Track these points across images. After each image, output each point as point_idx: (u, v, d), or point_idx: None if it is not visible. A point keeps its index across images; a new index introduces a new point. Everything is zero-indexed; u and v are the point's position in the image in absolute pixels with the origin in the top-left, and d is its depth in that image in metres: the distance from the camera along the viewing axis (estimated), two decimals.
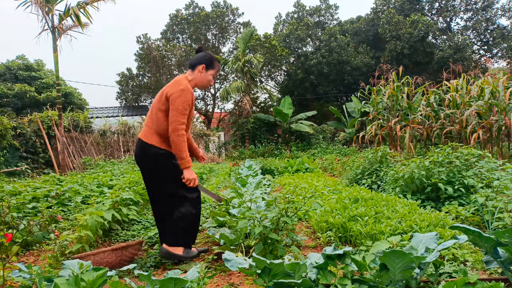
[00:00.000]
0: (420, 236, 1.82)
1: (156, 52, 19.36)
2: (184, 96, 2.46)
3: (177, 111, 2.43)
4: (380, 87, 8.55)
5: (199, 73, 2.64)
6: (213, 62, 2.68)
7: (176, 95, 2.45)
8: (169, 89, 2.53)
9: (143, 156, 2.59)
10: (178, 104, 2.44)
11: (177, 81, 2.56)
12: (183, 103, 2.45)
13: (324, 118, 21.80)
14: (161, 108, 2.53)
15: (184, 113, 2.45)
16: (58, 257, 2.68)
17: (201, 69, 2.63)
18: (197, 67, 2.63)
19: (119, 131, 13.02)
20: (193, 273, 1.74)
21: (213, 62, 2.68)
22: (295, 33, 21.16)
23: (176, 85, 2.51)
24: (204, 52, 2.73)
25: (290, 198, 2.79)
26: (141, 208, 4.60)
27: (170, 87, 2.55)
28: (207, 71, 2.65)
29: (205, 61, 2.64)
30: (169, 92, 2.50)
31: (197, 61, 2.65)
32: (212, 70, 2.67)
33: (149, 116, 2.63)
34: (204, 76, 2.65)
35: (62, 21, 9.18)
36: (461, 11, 20.43)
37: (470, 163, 4.21)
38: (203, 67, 2.63)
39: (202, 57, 2.67)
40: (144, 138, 2.56)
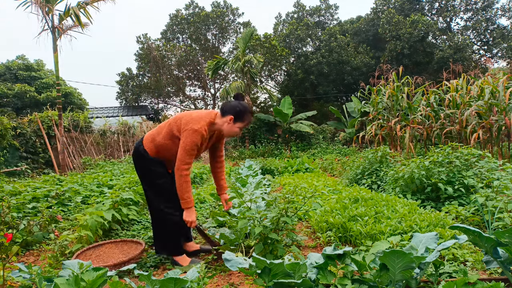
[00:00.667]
0: (420, 236, 1.82)
1: (156, 52, 19.35)
2: (194, 137, 2.40)
3: (185, 151, 2.40)
4: (380, 87, 8.54)
5: (227, 123, 2.52)
6: (243, 115, 2.53)
7: (188, 133, 2.40)
8: (185, 121, 2.47)
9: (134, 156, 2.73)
10: (187, 144, 2.39)
11: (197, 118, 2.47)
12: (192, 144, 2.40)
13: (324, 118, 21.79)
14: (171, 130, 2.52)
15: (191, 153, 2.41)
16: (58, 257, 2.68)
17: (228, 120, 2.50)
18: (226, 116, 2.50)
19: (119, 131, 13.03)
20: (193, 273, 1.74)
21: (243, 116, 2.53)
22: (295, 33, 21.16)
23: (193, 122, 2.44)
24: (238, 102, 2.57)
25: (290, 198, 2.79)
26: (141, 208, 4.60)
27: (187, 119, 2.47)
28: (234, 123, 2.52)
29: (235, 113, 2.50)
30: (184, 126, 2.44)
31: (227, 110, 2.51)
32: (240, 123, 2.54)
33: (160, 128, 2.62)
34: (230, 128, 2.53)
35: (62, 21, 9.17)
36: (461, 11, 20.42)
37: (470, 163, 4.21)
38: (231, 118, 2.49)
39: (233, 107, 2.51)
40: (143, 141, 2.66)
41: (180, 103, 23.36)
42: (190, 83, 22.73)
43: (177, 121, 2.53)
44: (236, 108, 2.51)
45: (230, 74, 21.79)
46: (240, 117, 2.52)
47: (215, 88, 22.64)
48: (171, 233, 2.62)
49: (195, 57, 20.65)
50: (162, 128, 2.60)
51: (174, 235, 2.63)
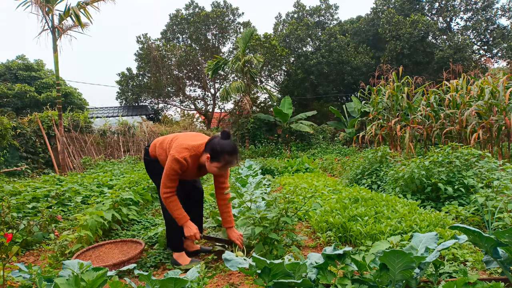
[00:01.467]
0: (420, 236, 1.82)
1: (156, 52, 19.34)
2: (174, 164, 2.42)
3: (165, 175, 2.46)
4: (380, 87, 8.54)
5: (206, 160, 2.48)
6: (219, 156, 2.41)
7: (169, 159, 2.45)
8: (174, 145, 2.51)
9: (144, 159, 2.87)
10: (167, 169, 2.45)
11: (184, 147, 2.47)
12: (171, 170, 2.43)
13: (324, 118, 21.78)
14: (165, 148, 2.64)
15: (171, 178, 2.45)
16: (58, 257, 2.68)
17: (206, 158, 2.47)
18: (206, 154, 2.47)
19: (119, 131, 13.03)
20: (193, 273, 1.75)
21: (219, 156, 2.41)
22: (295, 33, 21.16)
23: (178, 150, 2.46)
24: (218, 140, 2.45)
25: (290, 198, 2.79)
26: (141, 208, 4.60)
27: (176, 144, 2.51)
28: (211, 162, 2.46)
29: (212, 152, 2.43)
30: (171, 150, 2.49)
31: (207, 148, 2.47)
32: (216, 163, 2.44)
33: (163, 140, 2.72)
34: (209, 166, 2.49)
35: (62, 21, 9.18)
36: (461, 11, 20.42)
37: (470, 163, 4.21)
38: (208, 157, 2.46)
39: (212, 145, 2.45)
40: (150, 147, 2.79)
41: (180, 103, 23.35)
42: (190, 83, 22.72)
43: (173, 140, 2.62)
44: (214, 147, 2.43)
45: (230, 74, 21.78)
46: (215, 157, 2.43)
47: (215, 88, 22.63)
48: (175, 229, 2.64)
49: (195, 57, 20.65)
50: (164, 141, 2.71)
51: (177, 231, 2.65)
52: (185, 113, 20.52)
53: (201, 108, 23.04)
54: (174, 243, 2.67)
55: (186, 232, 2.51)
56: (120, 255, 2.80)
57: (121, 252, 2.85)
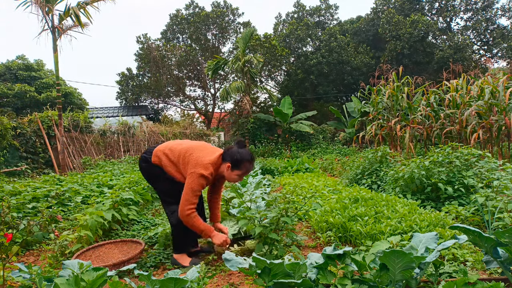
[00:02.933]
0: (420, 236, 1.82)
1: (156, 52, 19.34)
2: (202, 180, 2.47)
3: (192, 192, 2.46)
4: (380, 87, 8.54)
5: (226, 170, 2.57)
6: (240, 164, 2.54)
7: (196, 176, 2.45)
8: (194, 162, 2.50)
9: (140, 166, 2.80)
10: (194, 186, 2.46)
11: (207, 163, 2.51)
12: (199, 186, 2.47)
13: (324, 118, 21.79)
14: (178, 162, 2.60)
15: (197, 194, 2.49)
16: (58, 257, 2.68)
17: (227, 167, 2.56)
18: (226, 163, 2.56)
19: (119, 131, 13.02)
20: (193, 273, 1.74)
21: (240, 165, 2.54)
22: (295, 33, 21.15)
23: (202, 166, 2.48)
24: (237, 150, 2.58)
25: (290, 198, 2.79)
26: (141, 208, 4.60)
27: (197, 161, 2.50)
28: (232, 171, 2.56)
29: (232, 161, 2.54)
30: (192, 167, 2.49)
31: (226, 156, 2.57)
32: (237, 171, 2.56)
33: (171, 151, 2.65)
34: (229, 174, 2.58)
35: (62, 21, 9.18)
36: (461, 11, 20.42)
37: (470, 163, 4.21)
38: (228, 166, 2.55)
39: (232, 155, 2.55)
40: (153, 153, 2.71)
41: (180, 103, 23.36)
42: (190, 83, 22.72)
43: (187, 154, 2.58)
44: (234, 156, 2.54)
45: (230, 74, 21.78)
46: (237, 165, 2.54)
47: (215, 88, 22.63)
48: (181, 233, 2.66)
49: (195, 57, 20.64)
50: (173, 152, 2.64)
51: (183, 235, 2.67)
52: (185, 113, 20.51)
53: (201, 108, 23.04)
54: (179, 246, 2.67)
55: (217, 241, 2.52)
56: (120, 255, 2.80)
57: (121, 252, 2.85)
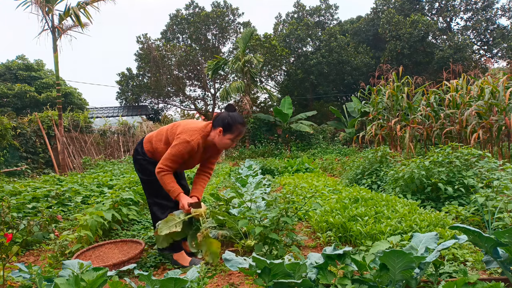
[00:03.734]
0: (420, 236, 1.82)
1: (156, 52, 19.35)
2: (184, 147, 2.44)
3: (170, 155, 2.44)
4: (380, 87, 8.54)
5: (217, 136, 2.53)
6: (232, 126, 2.50)
7: (179, 141, 2.44)
8: (181, 129, 2.51)
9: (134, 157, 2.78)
10: (174, 150, 2.44)
11: (193, 129, 2.50)
12: (178, 152, 2.44)
13: (324, 118, 21.79)
14: (167, 136, 2.58)
15: (174, 160, 2.45)
16: (58, 257, 2.68)
17: (218, 132, 2.51)
18: (216, 128, 2.52)
19: (119, 131, 13.03)
20: (193, 273, 1.74)
21: (231, 127, 2.50)
22: (295, 33, 21.16)
23: (187, 132, 2.47)
24: (227, 113, 2.54)
25: (290, 198, 2.79)
26: (141, 208, 4.60)
27: (183, 128, 2.51)
28: (224, 135, 2.52)
29: (224, 124, 2.50)
30: (178, 134, 2.48)
31: (216, 122, 2.53)
32: (230, 134, 2.52)
33: (160, 131, 2.66)
34: (221, 140, 2.53)
35: (62, 21, 9.18)
36: (461, 11, 20.43)
37: (470, 163, 4.21)
38: (220, 130, 2.50)
39: (222, 118, 2.51)
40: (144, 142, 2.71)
41: (180, 103, 23.36)
42: (190, 83, 22.74)
43: (173, 128, 2.58)
44: (225, 119, 2.50)
45: (230, 74, 21.79)
46: (229, 128, 2.50)
47: (215, 88, 22.64)
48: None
49: (195, 57, 20.65)
50: (161, 131, 2.65)
51: None
52: (185, 113, 20.53)
53: (201, 108, 23.05)
54: (174, 246, 2.62)
55: (181, 203, 2.49)
56: (120, 255, 2.80)
57: (121, 252, 2.85)
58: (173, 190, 2.49)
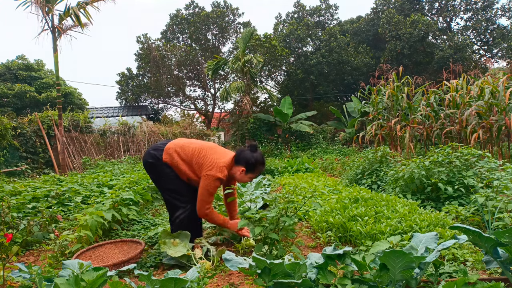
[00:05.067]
0: (420, 236, 1.82)
1: (156, 52, 19.34)
2: (217, 183, 2.61)
3: (208, 193, 2.60)
4: (380, 87, 8.54)
5: (238, 172, 2.70)
6: (254, 168, 2.70)
7: (211, 178, 2.58)
8: (209, 164, 2.61)
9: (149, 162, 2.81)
10: (209, 188, 2.59)
11: (221, 165, 2.62)
12: (214, 188, 2.62)
13: (324, 118, 21.79)
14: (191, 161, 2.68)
15: (212, 195, 2.64)
16: (58, 257, 2.68)
17: (241, 171, 2.69)
18: (239, 167, 2.69)
19: (119, 131, 13.02)
20: (193, 273, 1.74)
21: (254, 168, 2.70)
22: (295, 33, 21.15)
23: (216, 169, 2.60)
24: (252, 154, 2.70)
25: (290, 198, 2.78)
26: (141, 208, 4.60)
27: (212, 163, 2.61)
28: (246, 174, 2.72)
29: (247, 166, 2.68)
30: (207, 169, 2.60)
31: (240, 161, 2.70)
32: (251, 174, 2.73)
33: (183, 150, 2.71)
34: (242, 177, 2.74)
35: (62, 21, 9.18)
36: (461, 11, 20.42)
37: (470, 163, 4.20)
38: (243, 170, 2.69)
39: (246, 159, 2.68)
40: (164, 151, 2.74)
41: (180, 103, 23.36)
42: (190, 83, 22.73)
43: (201, 157, 2.67)
44: (249, 161, 2.68)
45: (230, 74, 21.78)
46: (251, 169, 2.71)
47: (215, 88, 22.63)
48: (179, 227, 2.73)
49: (195, 57, 20.65)
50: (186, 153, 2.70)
51: (184, 229, 2.73)
52: (185, 113, 20.51)
53: (201, 108, 23.04)
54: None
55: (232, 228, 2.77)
56: (120, 255, 2.80)
57: (121, 252, 2.85)
58: (222, 222, 2.75)
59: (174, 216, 2.75)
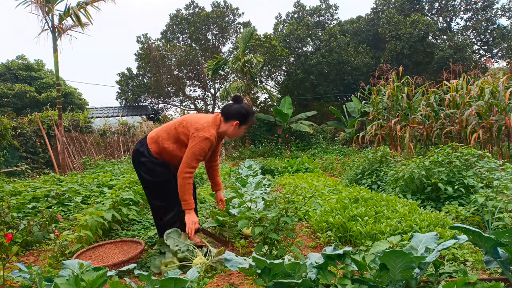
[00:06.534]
0: (420, 236, 1.82)
1: (156, 52, 19.35)
2: (204, 144, 2.47)
3: (193, 155, 2.46)
4: (380, 87, 8.54)
5: (232, 127, 2.60)
6: (248, 118, 2.64)
7: (198, 140, 2.46)
8: (194, 127, 2.51)
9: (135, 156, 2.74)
10: (196, 150, 2.46)
11: (206, 125, 2.52)
12: (201, 150, 2.47)
13: (324, 118, 21.79)
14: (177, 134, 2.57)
15: (198, 159, 2.50)
16: (58, 257, 2.68)
17: (234, 125, 2.60)
18: (231, 121, 2.59)
19: (119, 131, 13.03)
20: (193, 273, 1.74)
21: (247, 118, 2.64)
22: (295, 33, 21.15)
23: (203, 129, 2.49)
24: (240, 105, 2.63)
25: (290, 198, 2.78)
26: (141, 208, 4.60)
27: (197, 126, 2.51)
28: (240, 127, 2.63)
29: (240, 117, 2.60)
30: (194, 132, 2.49)
31: (230, 115, 2.60)
32: (245, 125, 2.65)
33: (166, 129, 2.64)
34: (236, 131, 2.64)
35: (62, 21, 9.18)
36: (461, 11, 20.43)
37: (470, 163, 4.21)
38: (237, 123, 2.60)
39: (237, 111, 2.60)
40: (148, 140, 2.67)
41: (180, 103, 23.36)
42: (190, 83, 22.74)
43: (184, 125, 2.56)
44: (240, 112, 2.60)
45: (230, 74, 21.79)
46: (245, 120, 2.62)
47: (215, 88, 22.64)
48: (166, 228, 2.66)
49: (195, 57, 20.65)
50: (168, 130, 2.62)
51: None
52: (185, 113, 20.51)
53: (201, 108, 23.05)
54: None
55: (188, 218, 2.52)
56: (120, 255, 2.80)
57: (121, 252, 2.85)
58: (189, 202, 2.52)
59: (164, 219, 2.68)
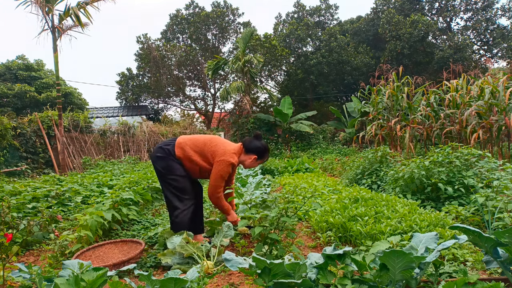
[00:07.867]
0: (420, 236, 1.82)
1: (156, 52, 19.34)
2: (229, 168, 2.83)
3: (220, 177, 2.81)
4: (380, 87, 8.54)
5: (250, 160, 2.95)
6: (264, 154, 3.00)
7: (224, 164, 2.80)
8: (221, 151, 2.84)
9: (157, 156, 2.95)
10: (223, 172, 2.81)
11: (232, 152, 2.87)
12: (226, 173, 2.83)
13: (324, 118, 21.78)
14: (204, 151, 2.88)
15: (224, 179, 2.85)
16: (58, 257, 2.68)
17: (252, 158, 2.95)
18: (250, 155, 2.94)
19: (119, 131, 13.02)
20: (193, 273, 1.74)
21: (264, 155, 3.00)
22: (295, 33, 21.14)
23: (228, 155, 2.83)
24: (261, 143, 2.97)
25: (290, 198, 2.78)
26: (141, 208, 4.60)
27: (223, 150, 2.84)
28: (257, 161, 2.99)
29: (259, 154, 2.96)
30: (220, 156, 2.82)
31: (252, 150, 2.94)
32: (261, 160, 3.02)
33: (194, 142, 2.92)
34: (253, 163, 2.99)
35: (62, 21, 9.18)
36: (461, 11, 20.42)
37: (470, 163, 4.20)
38: (255, 157, 2.96)
39: (257, 148, 2.94)
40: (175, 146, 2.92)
41: (180, 103, 23.35)
42: (190, 83, 22.72)
43: (213, 145, 2.90)
44: (260, 149, 2.96)
45: (230, 74, 21.77)
46: (261, 156, 3.00)
47: (215, 88, 22.62)
48: (180, 225, 2.81)
49: (195, 57, 20.64)
50: (196, 143, 2.91)
51: (182, 227, 2.81)
52: (185, 113, 20.50)
53: (201, 108, 23.04)
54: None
55: (231, 218, 2.97)
56: (120, 255, 2.80)
57: (121, 252, 2.85)
58: (227, 208, 2.96)
59: (175, 214, 2.82)
